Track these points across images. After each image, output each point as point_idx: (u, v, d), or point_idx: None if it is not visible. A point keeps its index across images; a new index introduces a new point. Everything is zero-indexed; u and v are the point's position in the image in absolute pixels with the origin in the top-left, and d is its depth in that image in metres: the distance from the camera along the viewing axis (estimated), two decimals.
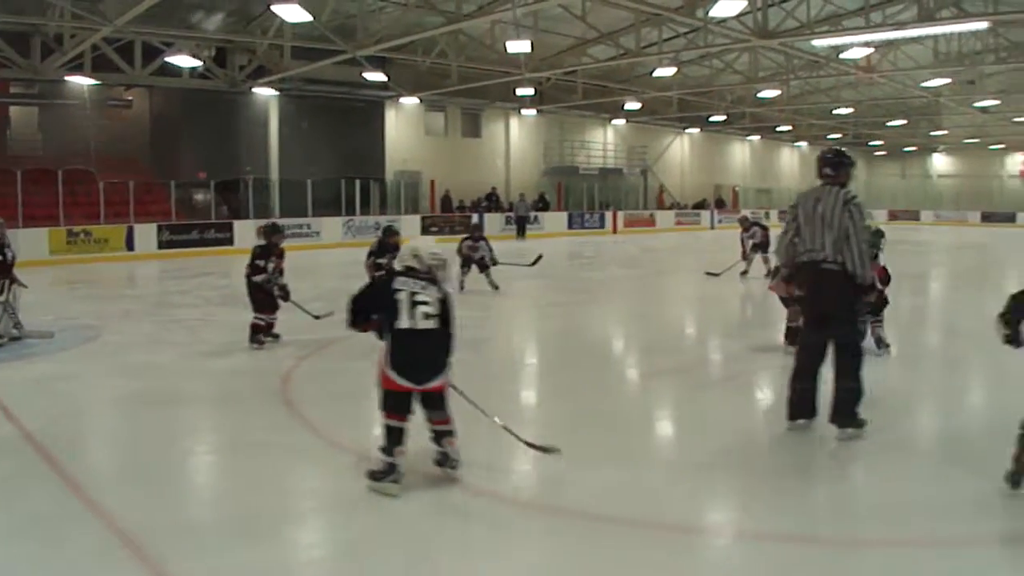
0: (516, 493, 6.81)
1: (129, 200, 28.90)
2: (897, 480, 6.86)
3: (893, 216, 56.33)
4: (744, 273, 21.82)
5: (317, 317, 12.97)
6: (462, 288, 18.46)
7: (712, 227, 48.70)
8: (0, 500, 6.51)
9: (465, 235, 20.12)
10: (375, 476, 6.61)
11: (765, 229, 21.66)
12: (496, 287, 18.54)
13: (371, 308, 6.86)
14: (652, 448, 8.24)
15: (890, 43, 30.97)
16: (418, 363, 6.61)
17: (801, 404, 7.95)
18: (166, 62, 28.80)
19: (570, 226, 42.18)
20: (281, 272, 12.53)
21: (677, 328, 14.87)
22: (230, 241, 29.60)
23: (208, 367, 11.32)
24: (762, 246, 21.33)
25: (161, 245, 28.51)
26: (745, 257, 21.96)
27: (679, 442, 8.47)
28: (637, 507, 6.31)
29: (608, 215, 44.59)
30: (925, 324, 16.31)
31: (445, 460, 6.84)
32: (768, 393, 10.17)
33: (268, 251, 12.50)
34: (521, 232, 38.56)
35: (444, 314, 6.75)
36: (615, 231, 43.83)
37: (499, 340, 14.30)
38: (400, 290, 6.64)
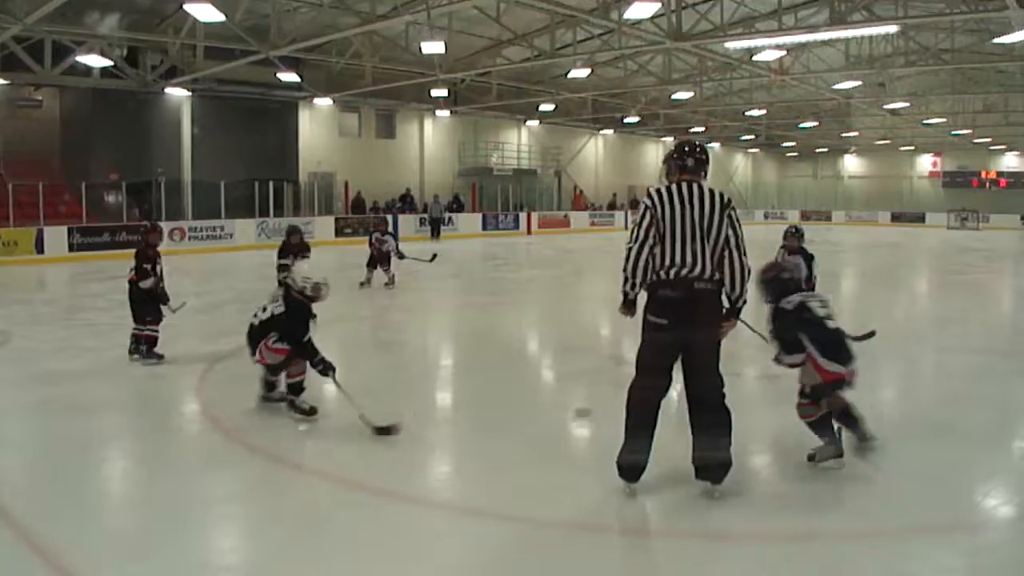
0: (432, 495, 6.87)
1: (39, 202, 28.52)
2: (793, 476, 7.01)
3: (805, 216, 57.26)
4: None
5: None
6: (368, 284, 18.87)
7: (626, 228, 48.92)
8: None
9: (372, 230, 20.34)
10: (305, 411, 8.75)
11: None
12: (393, 281, 18.87)
13: None
14: (566, 448, 8.28)
15: (802, 46, 31.52)
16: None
17: (637, 469, 6.50)
18: (76, 61, 28.40)
19: (484, 227, 42.27)
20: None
21: (592, 328, 14.98)
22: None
23: (120, 372, 11.20)
24: None
25: (72, 248, 28.11)
26: None
27: (593, 442, 8.50)
28: (553, 507, 6.38)
29: (523, 216, 44.75)
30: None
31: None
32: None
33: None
34: (436, 233, 38.60)
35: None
36: (530, 232, 43.99)
37: (413, 341, 14.34)
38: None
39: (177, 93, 33.81)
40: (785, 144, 64.95)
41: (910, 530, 6.03)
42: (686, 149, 6.74)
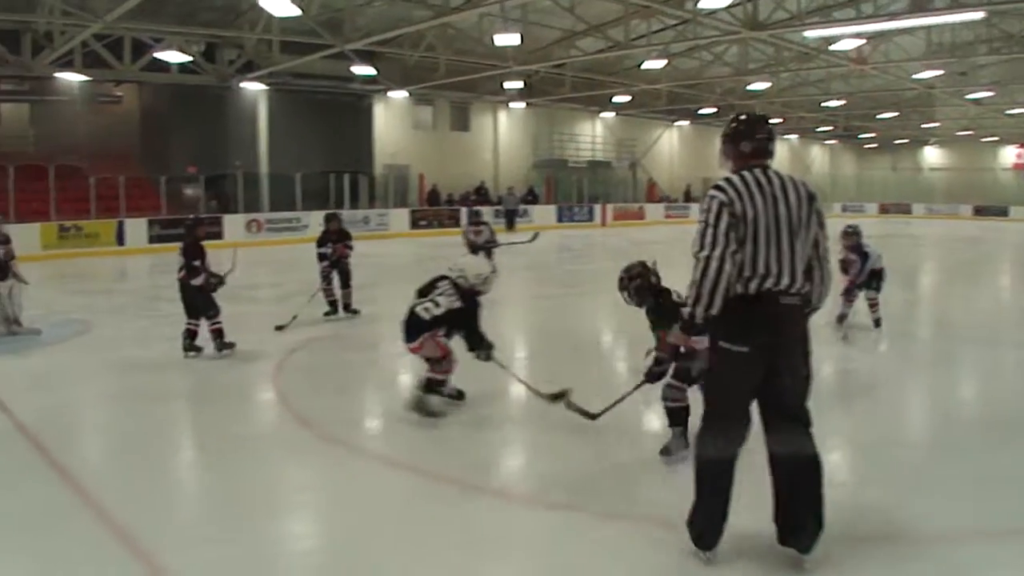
0: (512, 489, 6.92)
1: (120, 195, 29.05)
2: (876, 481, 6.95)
3: (884, 209, 56.34)
4: None
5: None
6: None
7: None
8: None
9: (468, 222, 20.70)
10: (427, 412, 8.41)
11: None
12: (495, 269, 18.94)
13: None
14: (637, 443, 8.17)
15: (882, 34, 30.82)
16: None
17: (715, 535, 5.33)
18: (155, 57, 28.73)
19: (559, 219, 42.19)
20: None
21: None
22: (219, 235, 29.58)
23: (198, 361, 11.33)
24: None
25: (151, 239, 28.50)
26: None
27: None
28: (623, 501, 6.39)
29: (597, 208, 44.61)
30: (916, 318, 16.40)
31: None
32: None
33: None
34: (510, 225, 38.51)
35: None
36: (604, 224, 43.84)
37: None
38: None
39: (253, 87, 34.10)
40: (863, 135, 63.68)
41: (993, 535, 5.91)
42: (756, 124, 5.36)
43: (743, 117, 5.42)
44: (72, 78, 30.23)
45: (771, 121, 5.39)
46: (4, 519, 6.07)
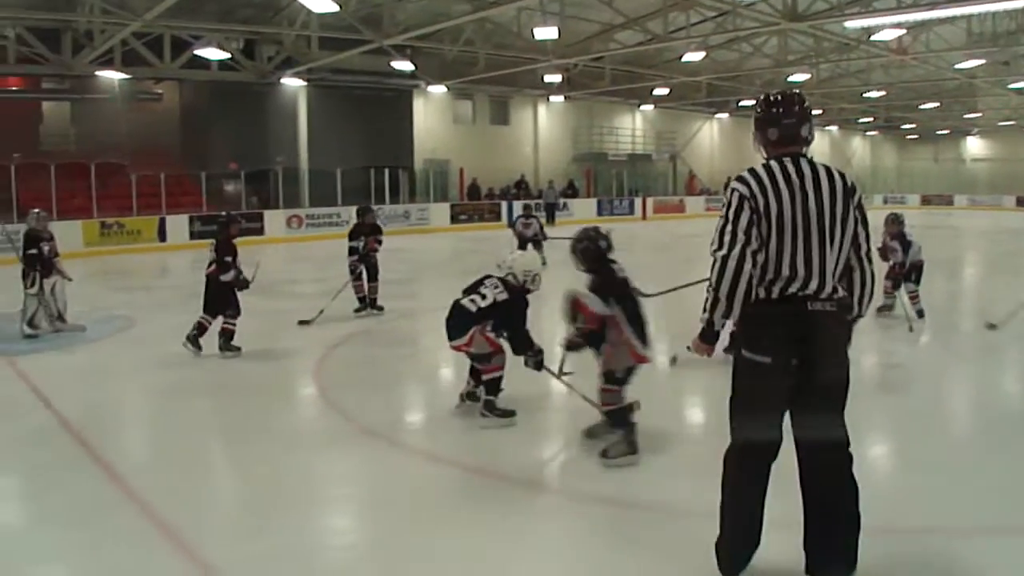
0: (552, 482, 6.92)
1: (161, 192, 29.25)
2: (914, 469, 6.90)
3: (926, 201, 55.67)
4: None
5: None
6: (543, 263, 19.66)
7: None
8: (38, 487, 6.65)
9: (519, 215, 21.06)
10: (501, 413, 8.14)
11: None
12: (545, 262, 19.24)
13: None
14: (682, 436, 8.18)
15: (922, 24, 30.53)
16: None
17: (742, 559, 4.91)
18: (195, 55, 28.89)
19: (599, 212, 41.95)
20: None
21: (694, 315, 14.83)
22: (260, 231, 29.72)
23: (239, 356, 11.38)
24: None
25: (193, 236, 28.60)
26: None
27: (708, 431, 8.45)
28: (667, 495, 6.35)
29: (637, 201, 44.44)
30: (959, 310, 16.28)
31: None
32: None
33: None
34: (551, 219, 38.42)
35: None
36: (644, 217, 43.67)
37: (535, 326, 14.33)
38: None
39: (293, 83, 34.23)
40: (905, 126, 63.14)
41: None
42: (784, 105, 4.76)
43: (770, 98, 4.82)
44: (112, 76, 30.46)
45: (805, 103, 4.74)
46: (50, 514, 6.10)
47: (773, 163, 4.63)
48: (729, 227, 4.51)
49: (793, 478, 4.78)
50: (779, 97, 4.78)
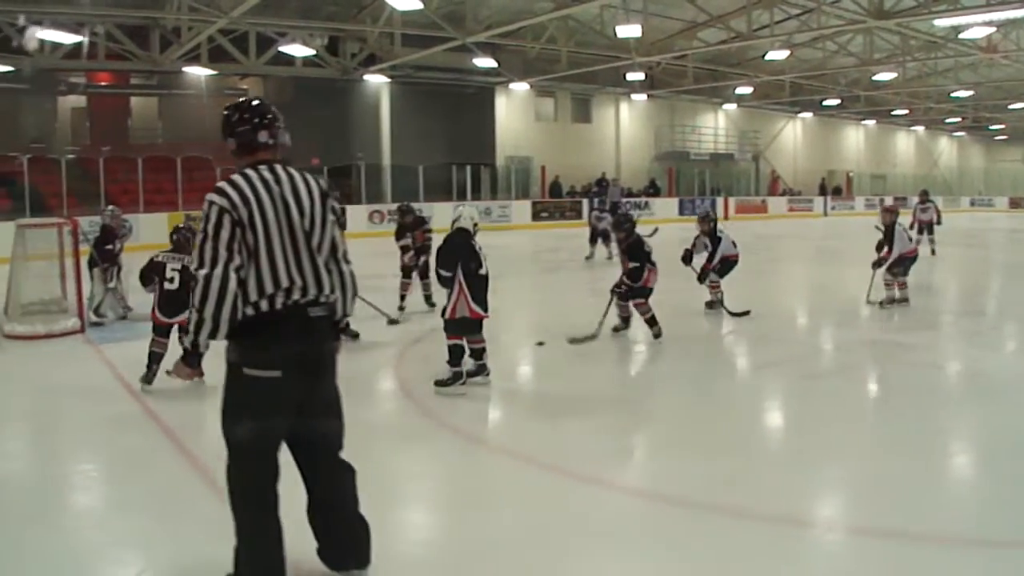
0: (625, 480, 6.87)
1: None
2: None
3: (1015, 204, 54.50)
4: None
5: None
6: (592, 257, 21.46)
7: (825, 214, 47.93)
8: (125, 474, 6.74)
9: (593, 208, 21.72)
10: (444, 383, 8.94)
11: (938, 211, 23.37)
12: (611, 257, 19.55)
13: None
14: (759, 439, 8.17)
15: (1013, 22, 30.10)
16: (485, 299, 9.10)
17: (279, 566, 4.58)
18: (280, 51, 29.23)
19: (681, 212, 41.49)
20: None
21: (788, 317, 14.71)
22: (343, 226, 29.85)
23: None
24: (929, 226, 22.94)
25: None
26: (919, 230, 22.84)
27: (783, 433, 8.46)
28: (738, 496, 6.29)
29: (719, 201, 44.04)
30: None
31: (479, 371, 9.24)
32: (878, 387, 10.11)
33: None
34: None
35: None
36: (727, 217, 43.19)
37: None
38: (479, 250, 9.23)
39: (376, 80, 34.53)
40: (993, 127, 61.77)
41: None
42: (236, 113, 4.68)
43: (228, 109, 4.71)
44: (199, 72, 31.05)
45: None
46: (135, 501, 6.20)
47: (249, 171, 4.47)
48: (210, 243, 4.25)
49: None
50: (235, 106, 4.68)
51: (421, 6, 22.68)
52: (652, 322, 11.68)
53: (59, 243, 13.00)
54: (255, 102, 4.70)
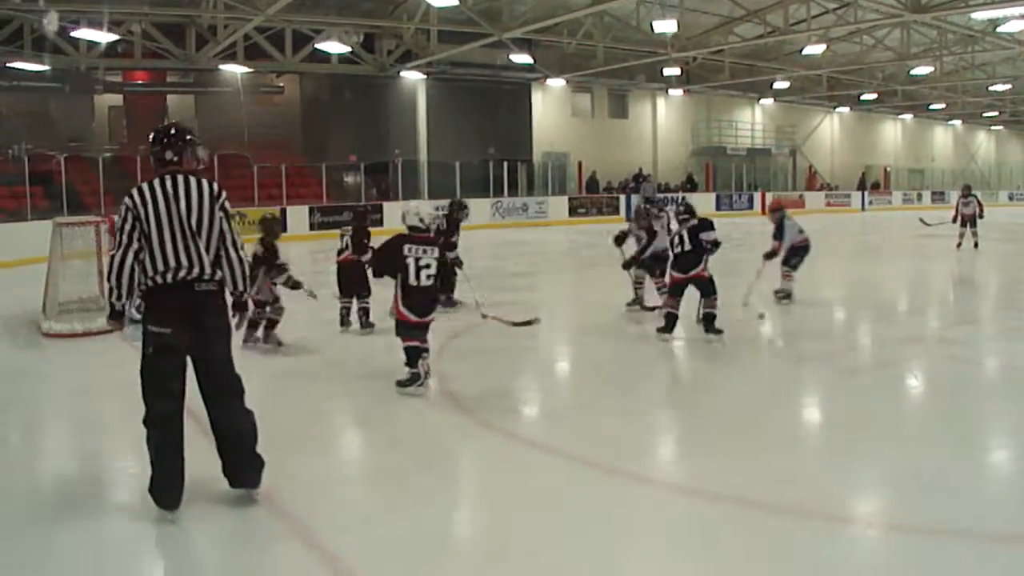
0: (663, 476, 6.85)
1: (282, 183, 29.78)
2: None
3: None
4: (958, 245, 23.17)
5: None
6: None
7: (863, 209, 47.67)
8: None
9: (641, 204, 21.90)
10: (403, 384, 8.84)
11: (981, 204, 23.24)
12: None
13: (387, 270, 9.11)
14: (800, 434, 8.13)
15: None
16: (426, 306, 8.96)
17: (177, 488, 5.79)
18: (316, 48, 29.30)
19: (718, 207, 41.47)
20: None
21: (826, 312, 14.59)
22: (380, 222, 29.95)
23: (357, 345, 11.54)
24: (971, 220, 22.89)
25: (313, 227, 29.12)
26: (961, 223, 23.22)
27: (825, 429, 8.35)
28: (780, 492, 6.22)
29: (756, 196, 43.86)
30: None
31: (410, 381, 8.94)
32: (919, 382, 10.03)
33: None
34: None
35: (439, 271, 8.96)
36: (764, 212, 43.06)
37: (647, 319, 14.22)
38: (408, 256, 8.83)
39: (412, 76, 34.56)
40: None
41: None
42: (162, 139, 5.98)
43: (156, 131, 6.07)
44: (235, 70, 31.19)
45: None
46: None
47: (155, 180, 5.79)
48: (119, 234, 5.71)
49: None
50: (157, 130, 6.06)
51: (457, 2, 22.71)
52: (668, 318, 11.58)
53: (96, 241, 13.03)
54: (169, 128, 6.10)
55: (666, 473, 6.95)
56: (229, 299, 6.07)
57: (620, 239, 14.02)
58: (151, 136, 6.04)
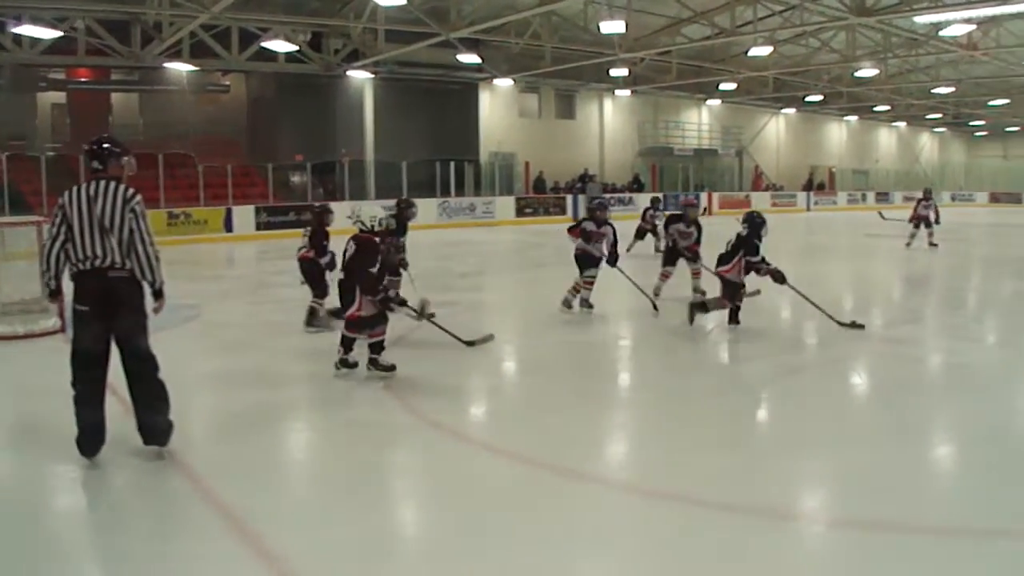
0: (611, 475, 6.87)
1: (227, 183, 29.52)
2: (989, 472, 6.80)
3: (994, 198, 54.88)
4: (908, 244, 23.88)
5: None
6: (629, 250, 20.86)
7: (808, 209, 48.04)
8: (105, 477, 6.67)
9: (648, 206, 22.35)
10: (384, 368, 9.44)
11: (938, 210, 24.03)
12: (659, 251, 20.39)
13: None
14: (747, 433, 8.17)
15: (993, 19, 30.20)
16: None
17: (96, 439, 6.78)
18: (262, 47, 29.12)
19: (665, 208, 41.61)
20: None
21: (772, 311, 14.66)
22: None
23: (305, 347, 11.42)
24: (926, 221, 23.65)
25: (259, 227, 28.99)
26: (916, 224, 23.87)
27: (770, 427, 8.44)
28: (725, 490, 6.29)
29: (703, 196, 43.89)
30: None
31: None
32: (864, 380, 10.13)
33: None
34: None
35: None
36: (710, 213, 43.25)
37: (593, 319, 14.23)
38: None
39: (359, 76, 34.45)
40: (974, 123, 62.01)
41: None
42: (91, 150, 6.90)
43: (87, 146, 6.99)
44: (180, 68, 30.93)
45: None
46: (113, 499, 6.26)
47: (81, 185, 6.72)
48: (51, 227, 6.75)
49: None
50: (96, 143, 6.95)
51: (404, 2, 22.66)
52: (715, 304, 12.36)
53: (39, 242, 12.87)
54: (99, 141, 6.99)
55: (614, 472, 6.98)
56: (147, 288, 6.81)
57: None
58: (90, 147, 6.91)
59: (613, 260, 13.51)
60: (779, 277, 11.88)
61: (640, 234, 22.41)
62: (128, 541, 5.52)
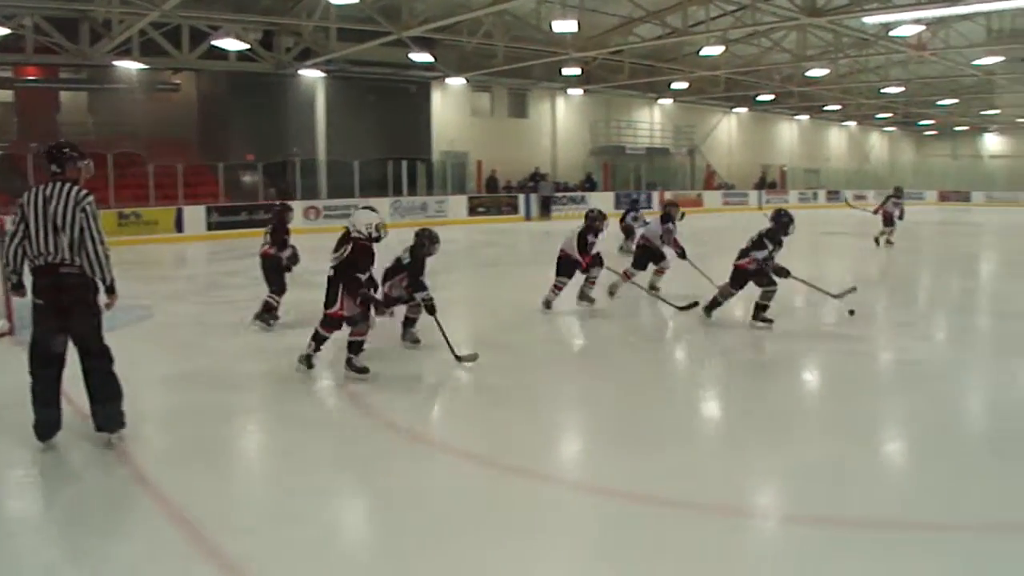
0: (564, 474, 6.92)
1: (178, 182, 29.26)
2: (934, 463, 6.88)
3: (943, 197, 55.51)
4: (876, 241, 24.36)
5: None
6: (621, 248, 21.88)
7: (760, 207, 48.24)
8: (58, 481, 6.63)
9: (628, 208, 24.48)
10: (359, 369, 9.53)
11: (903, 210, 24.48)
12: (622, 248, 20.57)
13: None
14: (698, 429, 8.26)
15: (941, 20, 30.50)
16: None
17: (50, 431, 7.17)
18: (213, 45, 28.86)
19: (617, 206, 41.57)
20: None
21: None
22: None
23: (258, 347, 11.39)
24: (890, 218, 24.13)
25: (210, 227, 28.77)
26: (886, 222, 24.22)
27: (723, 424, 8.50)
28: (679, 487, 6.33)
29: (655, 195, 44.08)
30: (977, 308, 16.21)
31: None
32: (815, 376, 10.22)
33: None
34: (546, 212, 38.68)
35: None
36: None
37: (549, 318, 14.23)
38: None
39: (311, 75, 34.29)
40: (923, 123, 62.79)
41: None
42: (48, 154, 7.25)
43: (45, 149, 7.36)
44: (130, 66, 30.61)
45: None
46: (67, 506, 6.13)
47: (40, 185, 7.09)
48: (12, 224, 7.16)
49: None
50: (55, 147, 7.32)
51: (357, 0, 22.53)
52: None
53: None
54: (58, 145, 7.32)
55: (567, 471, 7.03)
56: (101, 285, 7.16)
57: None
58: (47, 150, 7.28)
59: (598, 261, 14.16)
60: (783, 272, 12.23)
61: (628, 233, 22.53)
62: (77, 542, 5.49)
